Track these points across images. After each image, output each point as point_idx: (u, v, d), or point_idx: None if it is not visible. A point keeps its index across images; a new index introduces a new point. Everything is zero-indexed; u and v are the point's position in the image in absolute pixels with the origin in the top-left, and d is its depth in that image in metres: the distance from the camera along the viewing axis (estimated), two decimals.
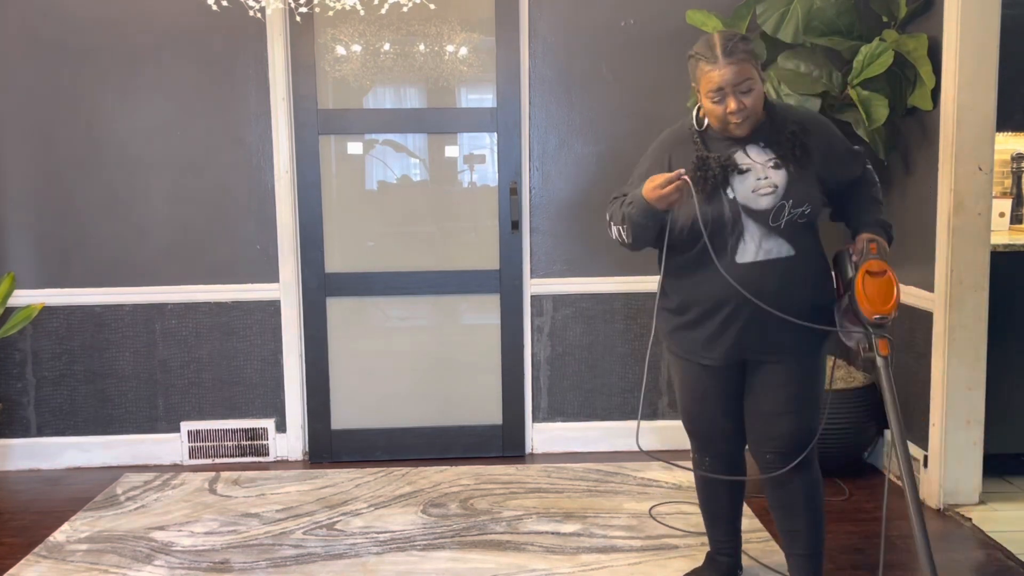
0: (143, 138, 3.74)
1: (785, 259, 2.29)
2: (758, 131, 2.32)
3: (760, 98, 2.27)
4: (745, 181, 2.28)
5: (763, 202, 2.27)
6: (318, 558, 2.89)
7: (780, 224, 2.27)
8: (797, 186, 2.27)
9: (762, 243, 2.28)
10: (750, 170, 2.29)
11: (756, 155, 2.31)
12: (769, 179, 2.28)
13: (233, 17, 3.52)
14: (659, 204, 2.24)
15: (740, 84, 2.20)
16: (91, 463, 3.85)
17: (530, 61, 3.77)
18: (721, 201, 2.28)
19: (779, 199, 2.27)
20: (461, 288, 3.86)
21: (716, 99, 2.23)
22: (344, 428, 3.89)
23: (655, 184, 2.23)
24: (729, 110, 2.23)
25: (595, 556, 2.87)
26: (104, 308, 3.80)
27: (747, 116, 2.24)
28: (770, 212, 2.27)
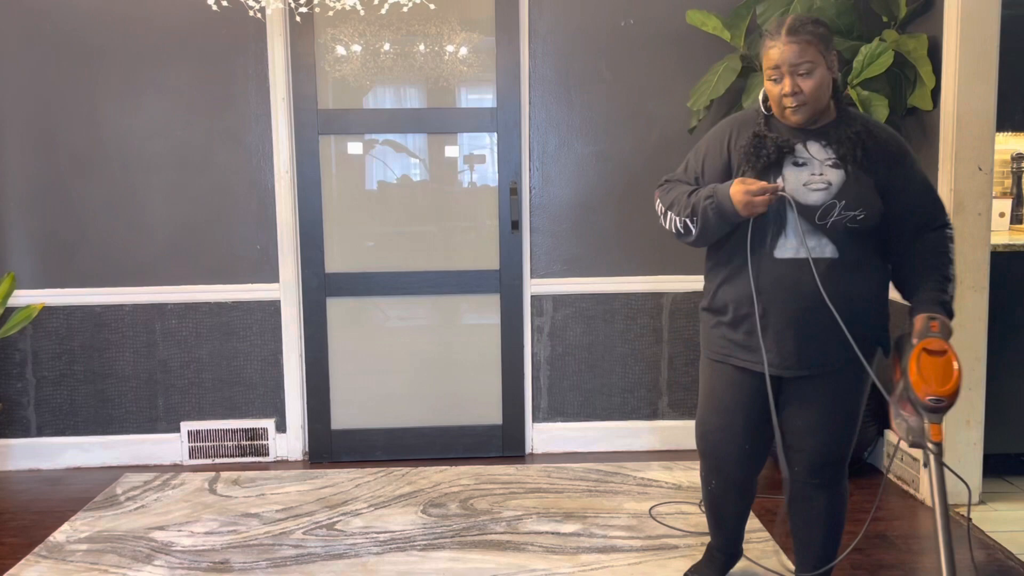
0: (143, 138, 3.75)
1: (827, 260, 2.14)
2: (824, 128, 2.19)
3: (822, 87, 2.12)
4: (799, 174, 2.15)
5: (812, 197, 2.13)
6: (318, 558, 2.89)
7: (827, 223, 2.12)
8: (853, 189, 2.13)
9: (805, 239, 2.14)
10: (807, 164, 2.15)
11: (816, 151, 2.17)
12: (824, 176, 2.14)
13: (233, 17, 3.53)
14: (744, 210, 2.11)
15: (799, 65, 2.08)
16: (91, 463, 3.86)
17: (530, 61, 3.77)
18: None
19: (830, 197, 2.12)
20: (461, 288, 3.86)
21: (773, 77, 2.13)
22: (344, 428, 3.89)
23: (748, 188, 2.10)
24: (784, 91, 2.11)
25: (595, 556, 2.87)
26: (104, 308, 3.81)
27: (804, 102, 2.11)
28: (818, 208, 2.12)
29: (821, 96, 2.12)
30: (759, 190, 2.09)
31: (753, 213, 2.11)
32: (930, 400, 2.00)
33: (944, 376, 2.01)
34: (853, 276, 2.17)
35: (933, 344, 2.05)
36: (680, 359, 3.92)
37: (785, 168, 2.16)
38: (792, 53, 2.08)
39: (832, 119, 2.19)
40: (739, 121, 2.29)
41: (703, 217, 2.19)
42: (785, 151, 2.14)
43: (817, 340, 2.17)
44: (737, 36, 3.46)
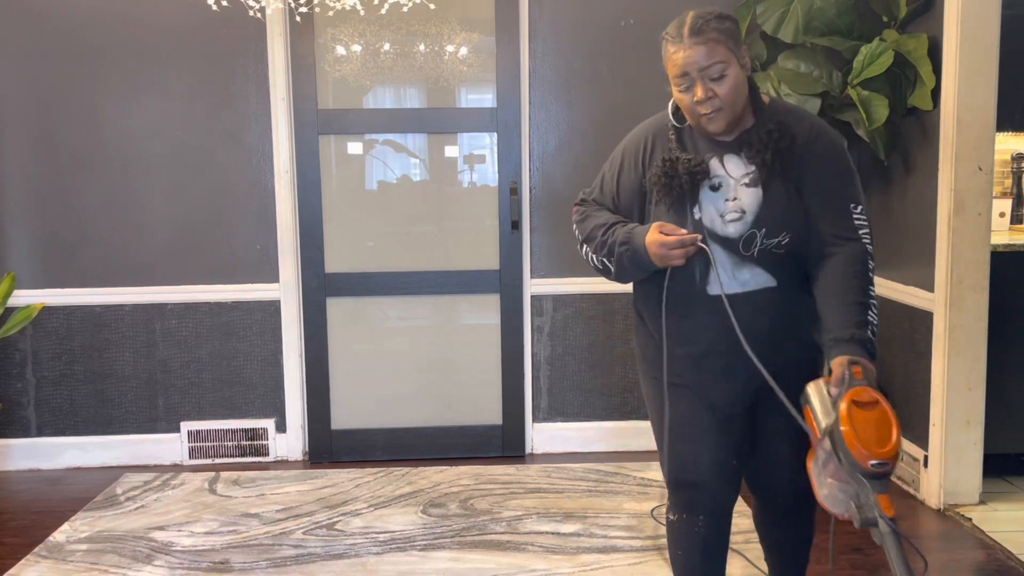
0: (143, 138, 3.74)
1: (767, 290, 1.94)
2: (742, 136, 1.95)
3: (738, 89, 1.89)
4: (715, 201, 1.93)
5: (730, 228, 1.92)
6: (318, 558, 2.89)
7: (753, 253, 1.92)
8: (772, 211, 1.90)
9: (735, 273, 1.94)
10: (723, 185, 1.94)
11: (733, 167, 1.94)
12: (738, 200, 1.91)
13: (233, 17, 3.53)
14: (660, 263, 1.93)
15: (709, 68, 1.86)
16: (91, 463, 3.85)
17: (530, 61, 3.77)
18: (686, 219, 1.94)
19: (748, 227, 1.91)
20: (461, 288, 3.86)
21: (683, 87, 1.91)
22: (344, 428, 3.89)
23: (664, 241, 1.90)
24: (695, 99, 1.88)
25: (595, 556, 2.87)
26: (104, 308, 3.80)
27: (719, 108, 1.88)
28: (739, 240, 1.92)
29: (738, 98, 1.90)
30: (676, 242, 1.89)
31: (670, 265, 1.93)
32: (873, 465, 1.61)
33: (883, 433, 1.63)
34: (797, 298, 1.97)
35: (863, 395, 1.67)
36: None
37: (701, 195, 1.94)
38: (699, 55, 1.87)
39: (750, 123, 1.96)
40: (653, 131, 2.07)
41: (619, 263, 2.01)
42: (699, 176, 1.92)
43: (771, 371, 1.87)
44: None
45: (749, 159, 1.92)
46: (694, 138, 2.00)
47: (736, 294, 1.93)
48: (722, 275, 1.92)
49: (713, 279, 1.92)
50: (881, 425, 1.64)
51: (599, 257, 2.06)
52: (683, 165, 1.92)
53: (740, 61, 1.90)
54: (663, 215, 1.96)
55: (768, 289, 1.94)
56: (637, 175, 2.04)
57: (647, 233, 1.93)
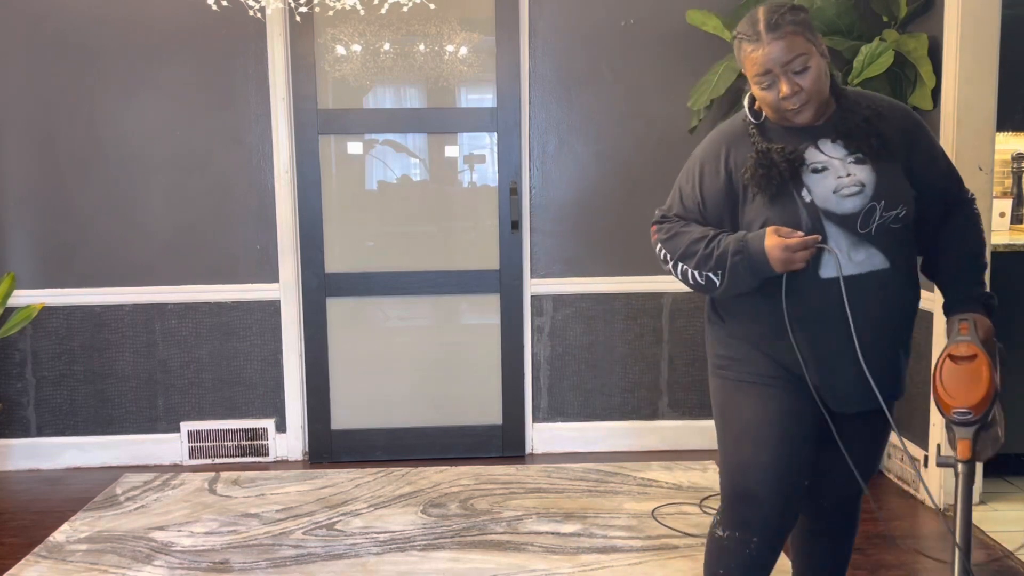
0: (143, 138, 3.74)
1: (880, 272, 1.88)
2: (829, 123, 1.93)
3: (822, 77, 1.86)
4: (824, 180, 1.88)
5: (848, 204, 1.86)
6: (318, 558, 2.89)
7: (870, 230, 1.87)
8: (887, 183, 1.88)
9: (850, 254, 1.87)
10: (827, 168, 1.89)
11: (831, 150, 1.90)
12: (853, 176, 1.87)
13: (233, 17, 3.52)
14: (781, 267, 1.85)
15: (791, 62, 1.82)
16: (91, 463, 3.85)
17: (530, 61, 3.77)
18: (795, 205, 1.88)
19: (868, 199, 1.86)
20: (461, 288, 3.86)
21: (765, 84, 1.86)
22: (344, 428, 3.89)
23: (787, 244, 1.82)
24: (782, 95, 1.85)
25: (595, 556, 2.87)
26: (104, 308, 3.80)
27: (807, 100, 1.86)
28: (858, 216, 1.86)
29: (823, 87, 1.88)
30: (799, 245, 1.82)
31: (793, 269, 1.85)
32: (956, 414, 1.79)
33: (971, 385, 1.79)
34: (906, 284, 1.94)
35: (960, 349, 1.83)
36: (680, 359, 3.91)
37: (806, 179, 1.89)
38: (780, 51, 1.82)
39: (833, 109, 1.94)
40: (729, 135, 2.01)
41: (732, 274, 1.90)
42: (796, 162, 1.87)
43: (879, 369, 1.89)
44: None
45: (851, 148, 1.89)
46: (777, 131, 1.94)
47: (852, 276, 1.87)
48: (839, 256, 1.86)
49: (828, 262, 1.86)
50: (970, 377, 1.79)
51: (703, 272, 1.95)
52: (777, 153, 1.87)
53: (819, 50, 1.87)
54: (763, 209, 1.90)
55: (882, 271, 1.88)
56: (721, 179, 1.97)
57: (764, 238, 1.86)
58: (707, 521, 3.11)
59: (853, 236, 1.87)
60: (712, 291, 1.97)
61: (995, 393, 1.80)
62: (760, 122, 1.96)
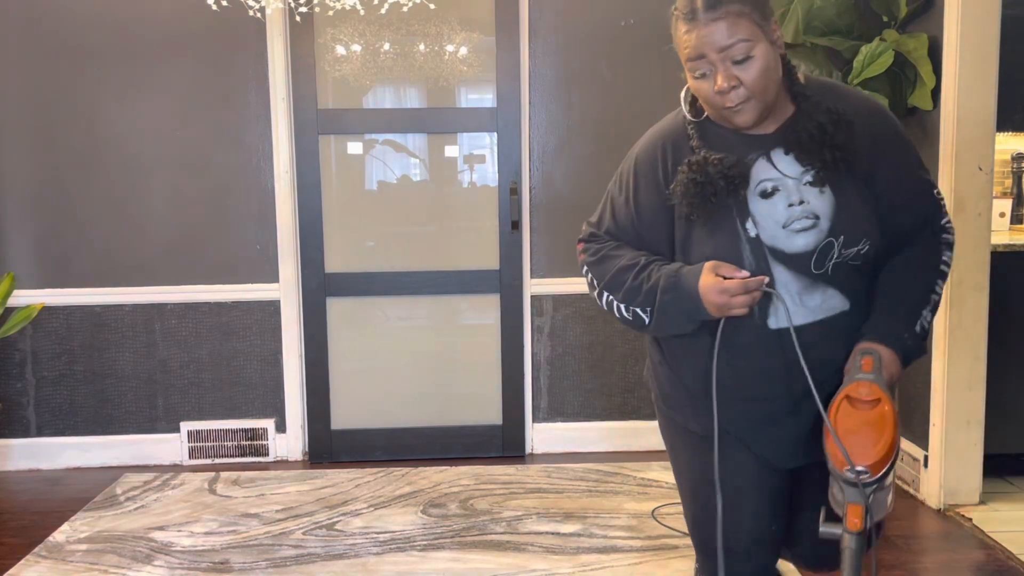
0: (143, 138, 3.74)
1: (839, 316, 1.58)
2: (784, 130, 1.59)
3: (768, 72, 1.51)
4: (773, 209, 1.55)
5: (800, 241, 1.54)
6: (318, 558, 2.89)
7: (827, 270, 1.55)
8: (848, 214, 1.54)
9: (803, 299, 1.56)
10: (778, 190, 1.56)
11: (786, 166, 1.57)
12: (806, 204, 1.54)
13: (233, 17, 3.52)
14: (718, 313, 1.55)
15: (731, 49, 1.49)
16: (91, 463, 3.85)
17: (530, 61, 3.77)
18: (736, 239, 1.56)
19: (824, 235, 1.53)
20: (461, 288, 3.86)
21: (698, 72, 1.54)
22: (344, 428, 3.89)
23: (725, 287, 1.52)
24: (717, 88, 1.51)
25: (595, 556, 2.87)
26: (104, 308, 3.80)
27: (747, 97, 1.52)
28: (812, 255, 1.54)
29: (769, 84, 1.52)
30: (738, 288, 1.51)
31: (731, 315, 1.55)
32: (849, 472, 1.41)
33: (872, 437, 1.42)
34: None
35: (860, 391, 1.46)
36: None
37: (751, 205, 1.55)
38: (718, 33, 1.49)
39: (791, 111, 1.60)
40: (668, 136, 1.69)
41: (660, 313, 1.61)
42: (736, 180, 1.53)
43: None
44: None
45: (803, 161, 1.55)
46: (722, 134, 1.61)
47: (806, 325, 1.56)
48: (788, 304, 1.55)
49: (776, 311, 1.56)
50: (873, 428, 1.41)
51: (629, 307, 1.67)
52: (714, 167, 1.53)
53: (769, 38, 1.53)
54: (704, 238, 1.58)
55: (842, 314, 1.57)
56: (659, 193, 1.65)
57: (700, 276, 1.55)
58: None
59: (806, 278, 1.55)
60: (641, 329, 1.69)
61: (898, 450, 1.46)
62: (700, 119, 1.62)
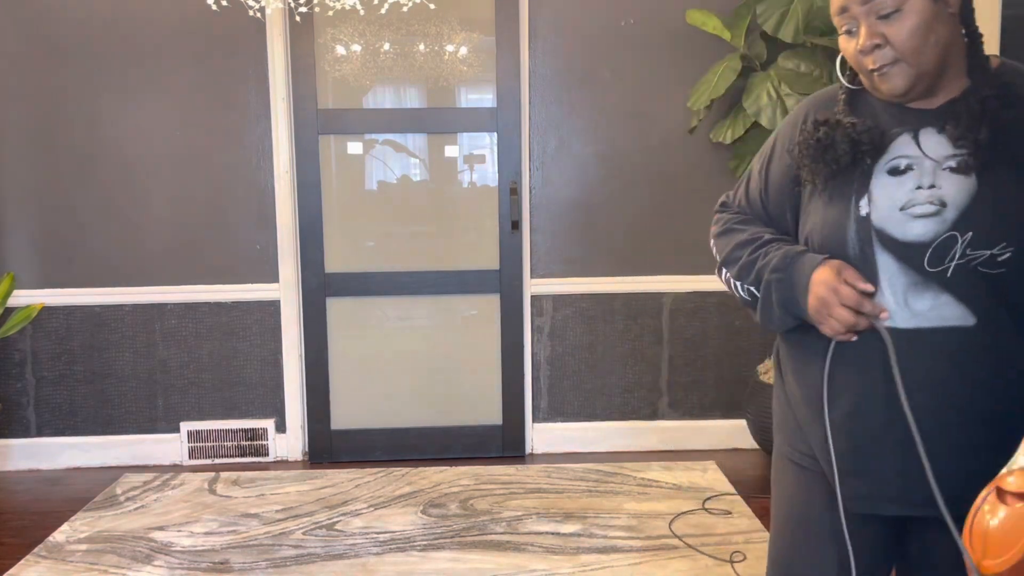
0: (143, 138, 3.74)
1: (957, 331, 1.28)
2: (948, 106, 1.33)
3: (923, 32, 1.26)
4: (896, 188, 1.32)
5: (916, 228, 1.29)
6: (318, 558, 2.89)
7: (946, 270, 1.28)
8: (987, 207, 1.27)
9: (908, 298, 1.30)
10: (911, 169, 1.32)
11: (932, 146, 1.32)
12: (936, 189, 1.29)
13: (233, 17, 3.53)
14: (815, 315, 1.36)
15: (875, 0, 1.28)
16: (91, 463, 3.85)
17: (530, 61, 3.77)
18: (846, 214, 1.35)
19: (947, 227, 1.28)
20: (461, 288, 3.86)
21: (844, 28, 1.33)
22: (344, 428, 3.89)
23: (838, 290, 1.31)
24: (859, 47, 1.30)
25: (595, 556, 2.87)
26: (104, 308, 3.80)
27: (894, 59, 1.28)
28: (927, 248, 1.29)
29: (924, 47, 1.27)
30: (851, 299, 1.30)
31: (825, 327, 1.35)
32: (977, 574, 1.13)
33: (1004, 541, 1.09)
34: (1003, 353, 1.30)
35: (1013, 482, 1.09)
36: (680, 359, 3.91)
37: (875, 179, 1.33)
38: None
39: (964, 87, 1.33)
40: (817, 103, 1.48)
41: (765, 296, 1.44)
42: (865, 148, 1.33)
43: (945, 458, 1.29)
44: (737, 36, 3.46)
45: (955, 139, 1.29)
46: (874, 105, 1.39)
47: (907, 330, 1.30)
48: (888, 301, 1.31)
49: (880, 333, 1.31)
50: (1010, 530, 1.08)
51: (744, 285, 1.49)
52: (843, 131, 1.34)
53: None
54: (816, 211, 1.39)
55: (960, 330, 1.28)
56: (791, 160, 1.46)
57: (819, 266, 1.35)
58: (708, 522, 3.12)
59: (916, 274, 1.30)
60: (754, 315, 1.50)
61: None
62: (856, 87, 1.41)
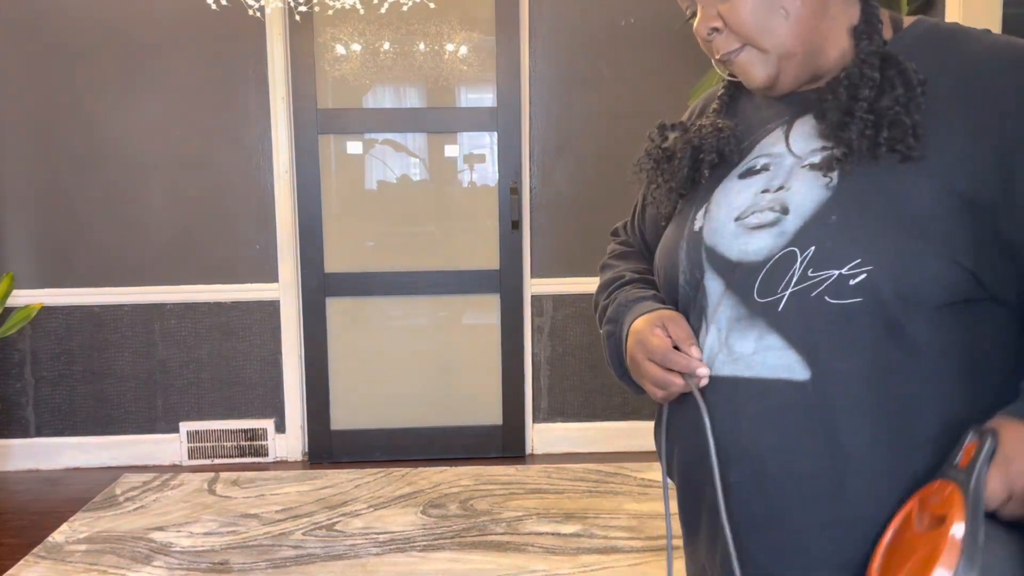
0: (143, 138, 3.74)
1: (781, 387, 0.96)
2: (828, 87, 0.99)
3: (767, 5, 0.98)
4: (740, 192, 1.04)
5: (750, 244, 1.00)
6: (317, 559, 2.88)
7: (777, 300, 0.96)
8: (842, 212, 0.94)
9: (730, 339, 1.00)
10: (767, 170, 1.03)
11: (800, 141, 1.02)
12: (783, 192, 0.99)
13: (233, 17, 3.52)
14: (633, 373, 1.11)
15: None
16: (90, 463, 3.85)
17: (530, 60, 3.76)
18: (681, 232, 1.09)
19: (784, 241, 0.97)
20: (461, 288, 3.86)
21: (689, 12, 1.10)
22: (344, 428, 3.88)
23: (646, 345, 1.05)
24: (696, 33, 1.06)
25: (595, 557, 2.86)
26: (103, 308, 3.80)
27: (741, 46, 1.02)
28: (759, 270, 0.98)
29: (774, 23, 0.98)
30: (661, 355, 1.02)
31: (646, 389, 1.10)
32: None
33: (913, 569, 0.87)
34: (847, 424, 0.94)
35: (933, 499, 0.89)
36: None
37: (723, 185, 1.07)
38: None
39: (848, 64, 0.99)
40: (703, 103, 1.27)
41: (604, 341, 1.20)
42: (703, 153, 1.09)
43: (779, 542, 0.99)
44: None
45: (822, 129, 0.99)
46: (757, 100, 1.12)
47: (724, 379, 1.00)
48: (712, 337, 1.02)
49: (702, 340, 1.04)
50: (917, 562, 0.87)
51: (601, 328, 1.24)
52: (685, 138, 1.13)
53: None
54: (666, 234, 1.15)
55: (786, 385, 0.96)
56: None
57: (641, 316, 1.10)
58: None
59: (743, 306, 0.99)
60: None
61: None
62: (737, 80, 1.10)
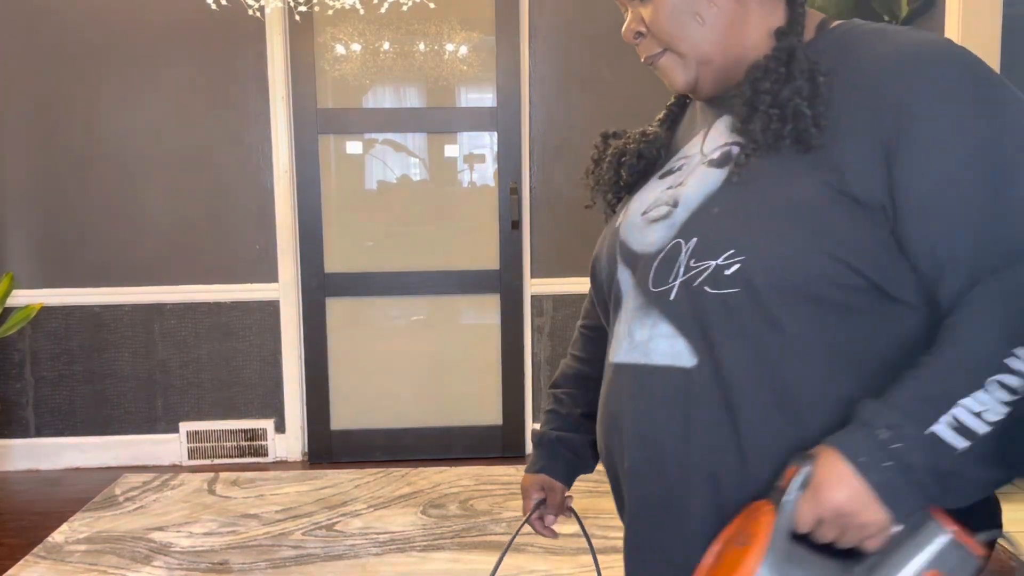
0: (142, 138, 3.74)
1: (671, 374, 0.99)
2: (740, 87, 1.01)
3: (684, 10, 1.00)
4: (651, 190, 1.10)
5: (648, 236, 1.04)
6: (317, 559, 2.88)
7: (668, 290, 0.99)
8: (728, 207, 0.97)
9: (632, 327, 1.05)
10: (679, 169, 1.08)
11: (713, 139, 1.06)
12: (680, 188, 1.04)
13: (232, 17, 3.52)
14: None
15: None
16: (90, 464, 3.85)
17: (530, 60, 3.76)
18: (610, 227, 1.18)
19: (673, 233, 1.00)
20: (461, 288, 3.86)
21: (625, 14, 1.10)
22: (343, 428, 3.88)
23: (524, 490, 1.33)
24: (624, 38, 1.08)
25: None
26: (103, 308, 3.80)
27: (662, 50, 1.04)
28: (652, 261, 1.02)
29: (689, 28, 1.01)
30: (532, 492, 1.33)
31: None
32: None
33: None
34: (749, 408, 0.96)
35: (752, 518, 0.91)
36: None
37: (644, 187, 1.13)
38: None
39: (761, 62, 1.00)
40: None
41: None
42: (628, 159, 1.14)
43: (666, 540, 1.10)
44: None
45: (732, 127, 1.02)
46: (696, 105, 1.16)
47: (621, 364, 1.06)
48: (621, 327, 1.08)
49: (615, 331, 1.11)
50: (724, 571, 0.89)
51: None
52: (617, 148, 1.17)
53: None
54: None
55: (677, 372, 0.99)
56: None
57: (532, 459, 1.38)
58: None
59: (642, 296, 1.04)
60: None
61: None
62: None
